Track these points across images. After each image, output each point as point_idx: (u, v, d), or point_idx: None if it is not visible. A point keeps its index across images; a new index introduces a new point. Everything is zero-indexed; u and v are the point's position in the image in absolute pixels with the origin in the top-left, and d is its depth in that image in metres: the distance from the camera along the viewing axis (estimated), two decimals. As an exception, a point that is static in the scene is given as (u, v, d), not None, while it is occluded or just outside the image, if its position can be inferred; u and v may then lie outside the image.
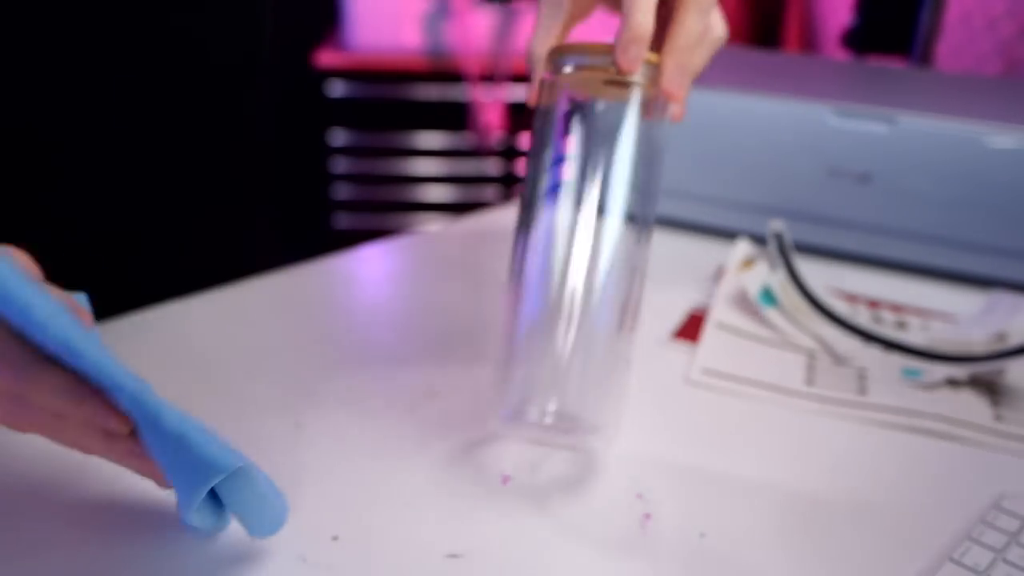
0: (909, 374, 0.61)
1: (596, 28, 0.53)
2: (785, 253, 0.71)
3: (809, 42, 2.07)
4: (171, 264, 0.46)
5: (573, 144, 0.45)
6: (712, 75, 0.84)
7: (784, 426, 0.56)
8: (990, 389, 0.60)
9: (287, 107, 0.61)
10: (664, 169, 0.82)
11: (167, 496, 0.46)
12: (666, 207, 0.84)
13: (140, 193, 0.62)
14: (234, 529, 0.44)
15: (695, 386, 0.60)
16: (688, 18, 0.43)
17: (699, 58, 0.46)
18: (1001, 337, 0.64)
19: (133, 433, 0.39)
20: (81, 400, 0.38)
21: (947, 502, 0.49)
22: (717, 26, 0.47)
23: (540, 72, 0.45)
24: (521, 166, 2.29)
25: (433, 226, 0.89)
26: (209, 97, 0.63)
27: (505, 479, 0.49)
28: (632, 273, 0.46)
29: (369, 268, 0.80)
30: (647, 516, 0.47)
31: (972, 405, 0.58)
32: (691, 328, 0.67)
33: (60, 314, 0.39)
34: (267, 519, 0.42)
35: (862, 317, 0.69)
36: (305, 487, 0.48)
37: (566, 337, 0.44)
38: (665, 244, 0.83)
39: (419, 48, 1.99)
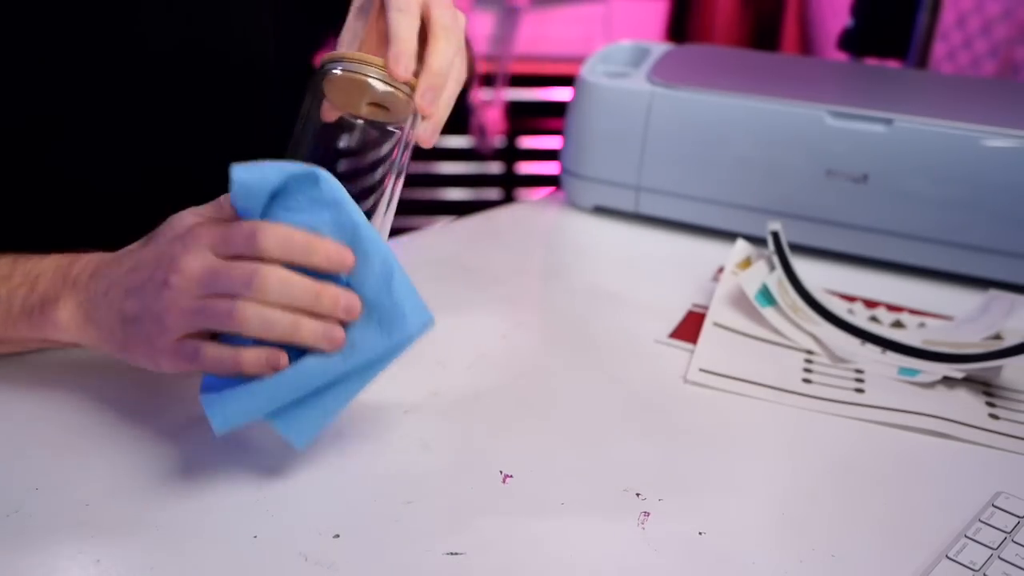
0: (906, 373, 0.61)
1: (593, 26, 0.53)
2: (783, 253, 0.71)
3: (807, 44, 2.07)
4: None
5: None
6: (711, 77, 0.84)
7: (781, 425, 0.56)
8: (986, 388, 0.61)
9: (288, 109, 0.61)
10: (664, 170, 0.83)
11: (165, 494, 0.47)
12: (665, 208, 0.84)
13: (148, 194, 0.62)
14: (235, 527, 0.45)
15: (693, 385, 0.60)
16: (439, 44, 0.49)
17: (450, 87, 0.51)
18: (997, 337, 0.65)
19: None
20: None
21: (943, 500, 0.50)
22: (461, 66, 0.53)
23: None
24: (523, 167, 2.29)
25: (433, 226, 0.89)
26: (218, 100, 0.64)
27: (505, 478, 0.49)
28: None
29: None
30: (646, 514, 0.47)
31: (968, 404, 0.59)
32: (689, 328, 0.67)
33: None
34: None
35: (859, 317, 0.70)
36: (306, 485, 0.48)
37: None
38: (663, 244, 0.83)
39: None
